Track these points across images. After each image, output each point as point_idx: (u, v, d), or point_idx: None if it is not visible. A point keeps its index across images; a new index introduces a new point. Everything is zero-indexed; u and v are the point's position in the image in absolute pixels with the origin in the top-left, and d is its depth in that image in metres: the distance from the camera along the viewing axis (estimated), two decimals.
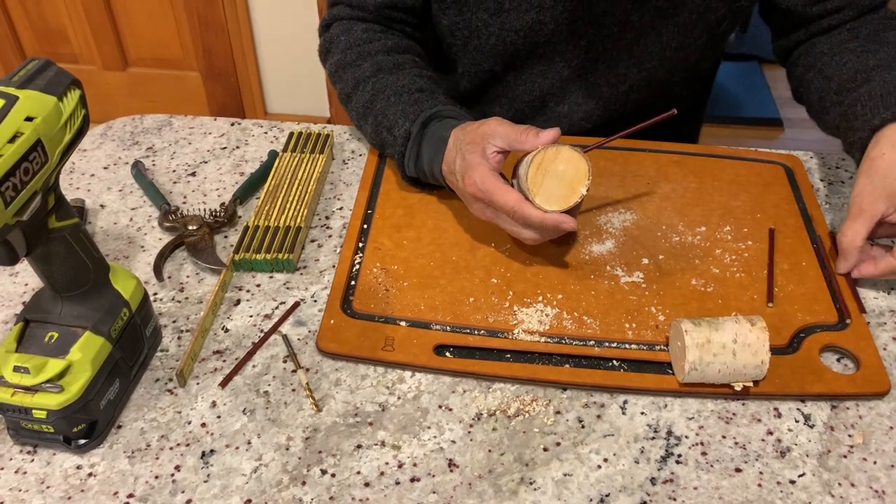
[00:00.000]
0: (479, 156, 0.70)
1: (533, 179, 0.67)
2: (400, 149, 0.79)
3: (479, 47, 0.90)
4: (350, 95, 0.85)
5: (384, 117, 0.81)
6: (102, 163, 0.90)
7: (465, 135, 0.72)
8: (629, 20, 0.85)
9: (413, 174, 0.80)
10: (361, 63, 0.84)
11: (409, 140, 0.78)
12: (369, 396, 0.64)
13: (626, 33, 0.86)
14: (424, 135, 0.78)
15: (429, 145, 0.77)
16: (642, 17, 0.84)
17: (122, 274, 0.63)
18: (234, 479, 0.58)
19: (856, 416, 0.63)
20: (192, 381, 0.65)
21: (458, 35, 0.90)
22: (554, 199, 0.67)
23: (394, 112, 0.80)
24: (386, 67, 0.84)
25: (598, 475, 0.59)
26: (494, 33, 0.87)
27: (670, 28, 0.86)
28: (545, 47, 0.88)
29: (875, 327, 0.70)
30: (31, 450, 0.60)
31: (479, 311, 0.69)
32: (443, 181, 0.77)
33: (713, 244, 0.76)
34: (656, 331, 0.68)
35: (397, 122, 0.79)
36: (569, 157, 0.67)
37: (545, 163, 0.67)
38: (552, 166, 0.67)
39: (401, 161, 0.80)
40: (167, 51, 2.31)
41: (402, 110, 0.79)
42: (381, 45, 0.86)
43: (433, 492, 0.57)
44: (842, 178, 0.88)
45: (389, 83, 0.82)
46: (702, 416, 0.63)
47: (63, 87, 0.53)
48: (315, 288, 0.74)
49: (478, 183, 0.69)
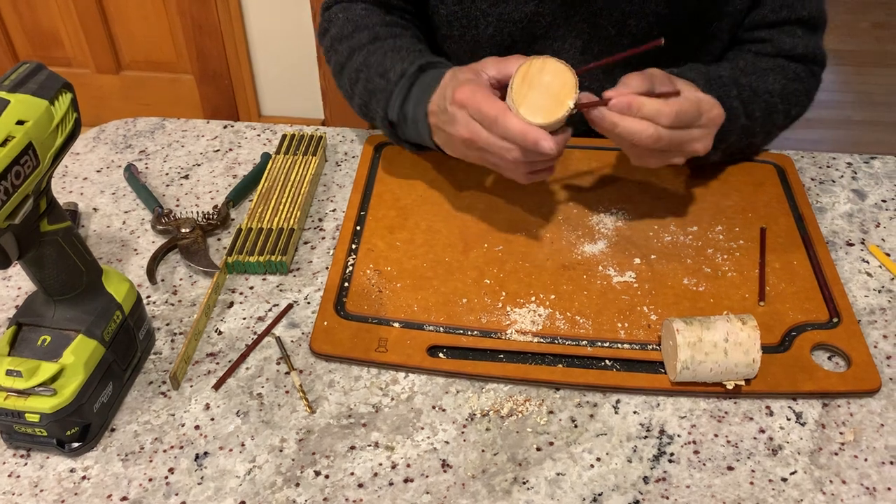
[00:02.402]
0: (472, 74, 0.70)
1: (518, 90, 0.66)
2: (390, 88, 0.78)
3: (476, 38, 0.90)
4: (344, 65, 0.85)
5: (379, 66, 0.80)
6: (95, 166, 0.90)
7: (459, 71, 0.73)
8: (626, 24, 0.85)
9: (394, 117, 0.79)
10: (358, 34, 0.85)
11: (402, 78, 0.78)
12: (363, 398, 0.64)
13: (623, 38, 0.86)
14: (419, 77, 0.77)
15: (420, 86, 0.76)
16: (639, 22, 0.85)
17: (114, 277, 0.63)
18: (228, 481, 0.58)
19: (847, 413, 0.63)
20: (186, 384, 0.65)
21: (456, 25, 0.90)
22: (539, 111, 0.65)
23: (391, 59, 0.79)
24: (383, 35, 0.84)
25: (590, 474, 0.59)
26: (492, 23, 0.87)
27: (668, 34, 0.86)
28: (542, 41, 0.88)
29: (866, 325, 0.70)
30: (24, 454, 0.60)
31: (473, 312, 0.70)
32: (422, 130, 0.76)
33: (705, 244, 0.77)
34: (648, 330, 0.68)
35: (394, 66, 0.79)
36: (555, 69, 0.66)
37: (531, 74, 0.66)
38: (538, 78, 0.66)
39: (386, 102, 0.79)
40: (161, 54, 2.31)
41: (401, 57, 0.79)
42: (379, 20, 0.86)
43: (427, 492, 0.58)
44: (833, 178, 0.88)
45: (387, 46, 0.82)
46: (694, 414, 0.63)
47: (54, 91, 0.53)
48: (308, 290, 0.74)
49: (468, 91, 0.68)
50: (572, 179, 0.84)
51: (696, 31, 0.87)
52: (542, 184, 0.83)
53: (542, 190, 0.83)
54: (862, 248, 0.79)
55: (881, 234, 0.80)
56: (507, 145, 0.67)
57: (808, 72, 0.88)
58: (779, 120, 0.85)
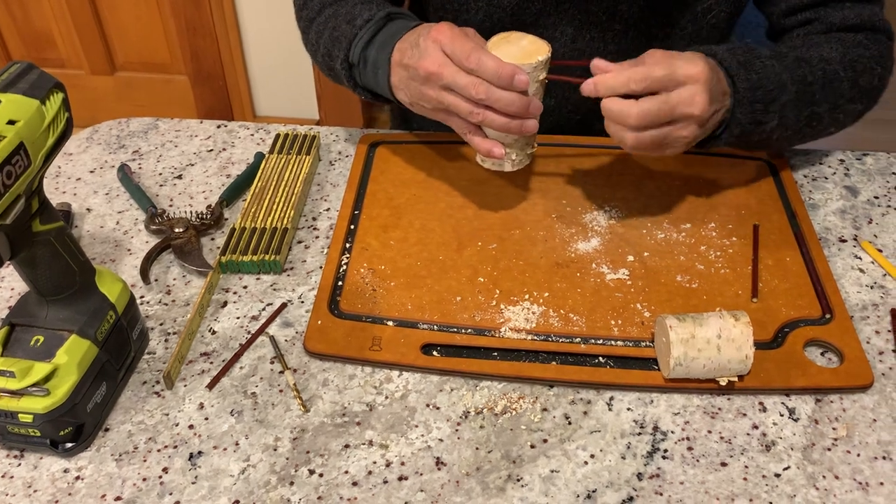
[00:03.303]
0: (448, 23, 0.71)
1: (495, 43, 0.70)
2: (354, 31, 0.77)
3: (466, 24, 0.90)
4: (314, 19, 0.84)
5: (347, 14, 0.79)
6: (89, 167, 0.90)
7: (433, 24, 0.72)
8: (617, 10, 0.85)
9: (354, 59, 0.78)
10: None
11: (368, 23, 0.77)
12: (357, 396, 0.64)
13: (615, 24, 0.86)
14: (386, 24, 0.77)
15: (386, 33, 0.76)
16: (631, 7, 0.84)
17: (108, 277, 0.63)
18: (222, 481, 0.58)
19: (840, 409, 0.63)
20: (180, 384, 0.65)
21: (449, 9, 0.90)
22: (513, 59, 0.67)
23: (359, 8, 0.79)
24: None
25: (584, 471, 0.59)
26: (482, 8, 0.87)
27: (659, 20, 0.86)
28: (532, 28, 0.87)
29: (858, 321, 0.70)
30: (17, 454, 0.60)
31: (466, 310, 0.70)
32: (381, 75, 0.75)
33: (698, 241, 0.77)
34: (642, 327, 0.68)
35: (361, 13, 0.78)
36: (533, 40, 0.70)
37: (511, 38, 0.71)
38: (517, 41, 0.70)
39: (349, 44, 0.78)
40: (155, 54, 2.31)
41: (369, 7, 0.79)
42: None
43: (421, 490, 0.58)
44: (825, 174, 0.88)
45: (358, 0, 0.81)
46: (687, 411, 0.63)
47: (45, 90, 0.53)
48: (302, 289, 0.74)
49: (446, 28, 0.68)
50: (565, 178, 0.85)
51: (689, 15, 0.86)
52: (535, 182, 0.84)
53: (535, 188, 0.83)
54: (854, 244, 0.79)
55: (873, 231, 0.80)
56: (475, 80, 0.66)
57: (871, 39, 0.81)
58: (845, 90, 0.78)
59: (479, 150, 0.72)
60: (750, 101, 0.72)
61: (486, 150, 0.71)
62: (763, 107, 0.72)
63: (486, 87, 0.66)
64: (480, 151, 0.72)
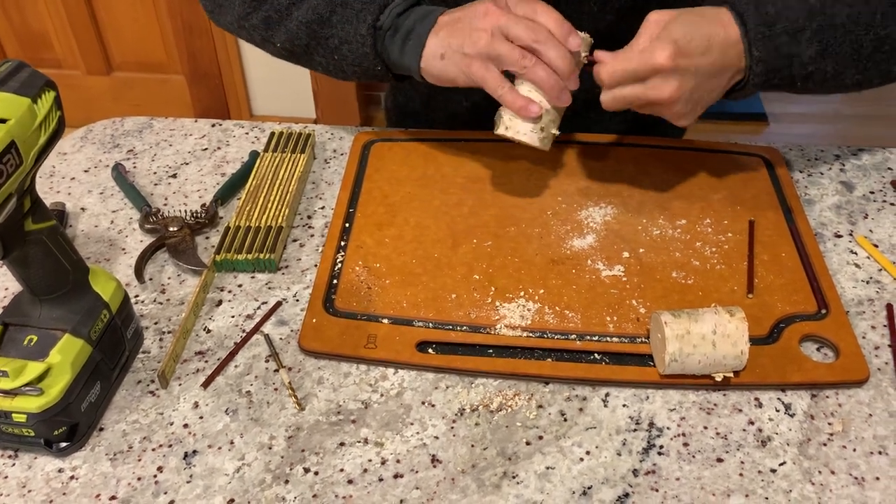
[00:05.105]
0: None
1: None
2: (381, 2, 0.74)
3: None
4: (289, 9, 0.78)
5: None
6: (83, 166, 0.90)
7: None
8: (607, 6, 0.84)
9: (387, 25, 0.74)
10: None
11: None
12: (352, 394, 0.64)
13: (607, 14, 0.85)
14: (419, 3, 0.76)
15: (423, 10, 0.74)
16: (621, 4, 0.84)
17: (102, 276, 0.63)
18: (217, 479, 0.58)
19: (835, 404, 0.63)
20: (175, 383, 0.65)
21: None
22: None
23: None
24: None
25: (580, 468, 0.59)
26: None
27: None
28: None
29: (854, 316, 0.70)
30: (11, 454, 0.60)
31: (462, 308, 0.69)
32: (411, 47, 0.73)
33: (693, 237, 0.77)
34: (637, 323, 0.68)
35: None
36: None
37: None
38: None
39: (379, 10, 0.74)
40: (151, 54, 2.31)
41: None
42: None
43: (416, 487, 0.57)
44: (821, 170, 0.88)
45: None
46: (683, 407, 0.63)
47: (37, 89, 0.52)
48: (297, 287, 0.74)
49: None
50: (561, 174, 0.84)
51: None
52: (530, 178, 0.83)
53: (530, 185, 0.83)
54: (850, 239, 0.79)
55: (869, 226, 0.80)
56: (535, 24, 0.67)
57: None
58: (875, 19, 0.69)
59: (514, 105, 0.70)
60: (766, 37, 0.68)
61: (521, 104, 0.70)
62: (789, 38, 0.68)
63: (545, 32, 0.67)
64: (514, 106, 0.70)
